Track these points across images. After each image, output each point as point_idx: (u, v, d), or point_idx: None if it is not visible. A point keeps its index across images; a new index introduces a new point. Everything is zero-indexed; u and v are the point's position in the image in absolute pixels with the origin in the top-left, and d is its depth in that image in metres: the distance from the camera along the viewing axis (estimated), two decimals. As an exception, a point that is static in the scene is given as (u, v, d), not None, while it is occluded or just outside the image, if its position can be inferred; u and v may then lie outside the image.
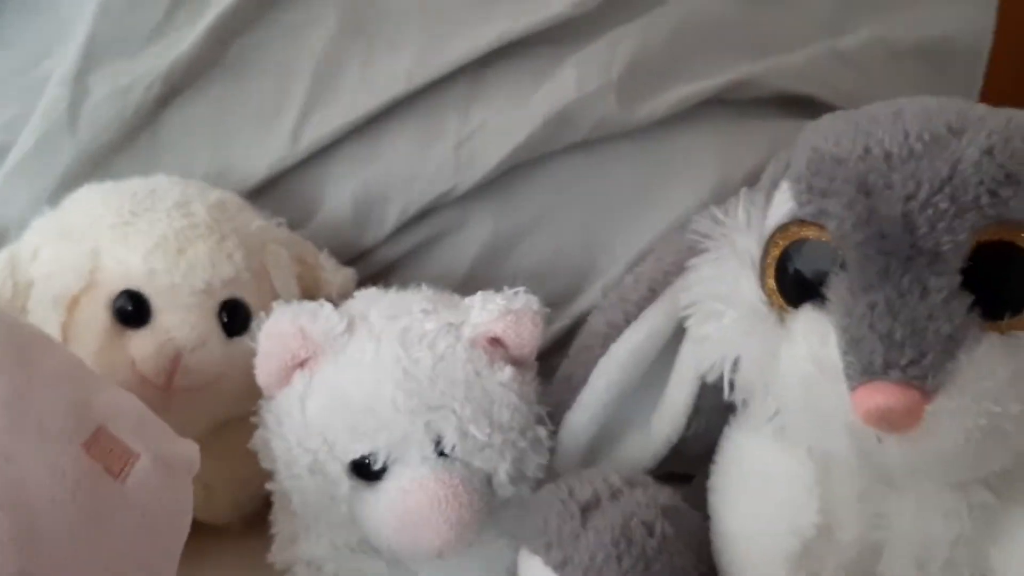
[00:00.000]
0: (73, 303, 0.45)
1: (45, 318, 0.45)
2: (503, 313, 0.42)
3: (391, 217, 0.56)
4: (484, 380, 0.42)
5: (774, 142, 0.56)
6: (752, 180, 0.53)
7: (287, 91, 0.55)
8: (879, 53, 0.63)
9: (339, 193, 0.56)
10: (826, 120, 0.38)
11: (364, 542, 0.45)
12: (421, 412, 0.40)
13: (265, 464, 0.45)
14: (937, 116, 0.34)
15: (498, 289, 0.44)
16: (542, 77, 0.56)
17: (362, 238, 0.56)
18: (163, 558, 0.36)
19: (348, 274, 0.53)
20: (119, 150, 0.54)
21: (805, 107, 0.59)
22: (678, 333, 0.43)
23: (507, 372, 0.42)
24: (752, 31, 0.60)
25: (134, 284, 0.45)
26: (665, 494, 0.41)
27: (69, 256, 0.45)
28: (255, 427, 0.46)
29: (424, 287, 0.46)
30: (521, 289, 0.44)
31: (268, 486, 0.46)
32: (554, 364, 0.48)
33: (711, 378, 0.39)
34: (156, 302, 0.45)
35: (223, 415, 0.47)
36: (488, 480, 0.42)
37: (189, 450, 0.38)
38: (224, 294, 0.47)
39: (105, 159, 0.53)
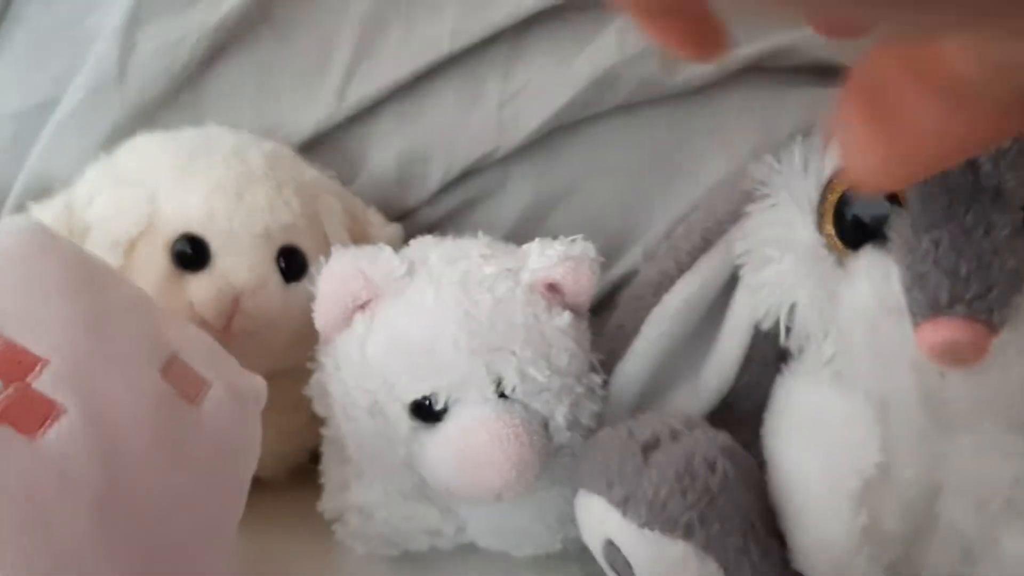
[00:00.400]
0: (131, 247, 0.45)
1: (102, 262, 0.45)
2: (561, 259, 0.43)
3: (434, 177, 0.56)
4: (543, 324, 0.42)
5: (811, 109, 0.56)
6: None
7: (332, 51, 0.56)
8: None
9: (383, 153, 0.56)
10: None
11: (417, 488, 0.45)
12: (482, 353, 0.41)
13: (320, 410, 0.45)
14: None
15: (555, 236, 0.45)
16: (584, 40, 0.57)
17: (405, 197, 0.56)
18: (234, 484, 0.37)
19: (395, 229, 0.54)
20: (166, 105, 0.54)
21: (842, 76, 0.60)
22: (731, 283, 0.43)
23: (565, 317, 0.43)
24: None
25: (193, 228, 0.45)
26: (723, 436, 0.41)
27: (126, 201, 0.46)
28: (302, 381, 0.46)
29: (481, 235, 0.47)
30: (579, 236, 0.44)
31: (322, 431, 0.46)
32: (593, 325, 0.48)
33: (767, 324, 0.40)
34: (215, 246, 0.45)
35: (275, 364, 0.47)
36: (545, 425, 0.43)
37: (257, 383, 0.38)
38: (282, 240, 0.47)
39: (153, 114, 0.53)
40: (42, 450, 0.29)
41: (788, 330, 0.39)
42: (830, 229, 0.36)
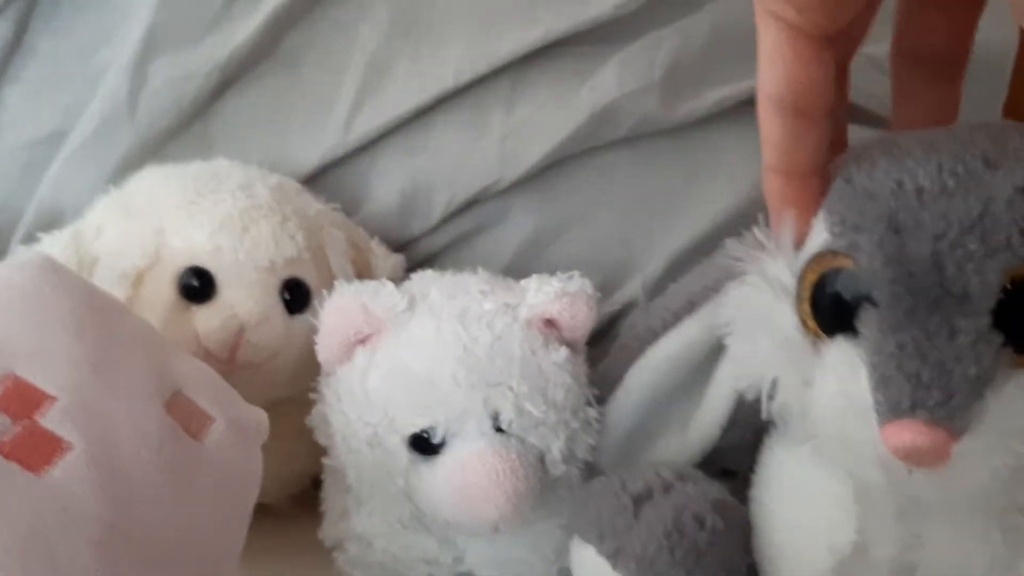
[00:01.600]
0: (138, 279, 0.46)
1: (110, 294, 0.46)
2: (558, 295, 0.44)
3: (437, 208, 0.57)
4: (540, 359, 0.43)
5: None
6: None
7: (339, 84, 0.57)
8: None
9: (387, 184, 0.57)
10: (860, 147, 0.37)
11: (415, 519, 0.46)
12: (480, 387, 0.41)
13: (322, 440, 0.46)
14: (972, 147, 0.33)
15: (552, 273, 0.46)
16: (585, 75, 0.58)
17: (408, 228, 0.57)
18: (236, 518, 0.38)
19: (398, 260, 0.54)
20: (175, 138, 0.55)
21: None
22: (716, 347, 0.43)
23: (561, 353, 0.44)
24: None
25: (200, 261, 0.46)
26: (715, 488, 0.42)
27: (134, 233, 0.47)
28: (305, 408, 0.47)
29: (480, 270, 0.47)
30: (576, 273, 0.45)
31: (324, 461, 0.47)
32: (590, 355, 0.49)
33: (749, 397, 0.39)
34: (221, 278, 0.46)
35: (277, 393, 0.48)
36: (541, 458, 0.43)
37: (259, 416, 0.39)
38: (286, 273, 0.48)
39: (162, 146, 0.55)
40: (47, 487, 0.30)
41: (771, 401, 0.38)
42: (807, 310, 0.35)
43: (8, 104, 0.57)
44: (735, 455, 0.44)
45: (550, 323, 0.44)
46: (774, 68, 0.33)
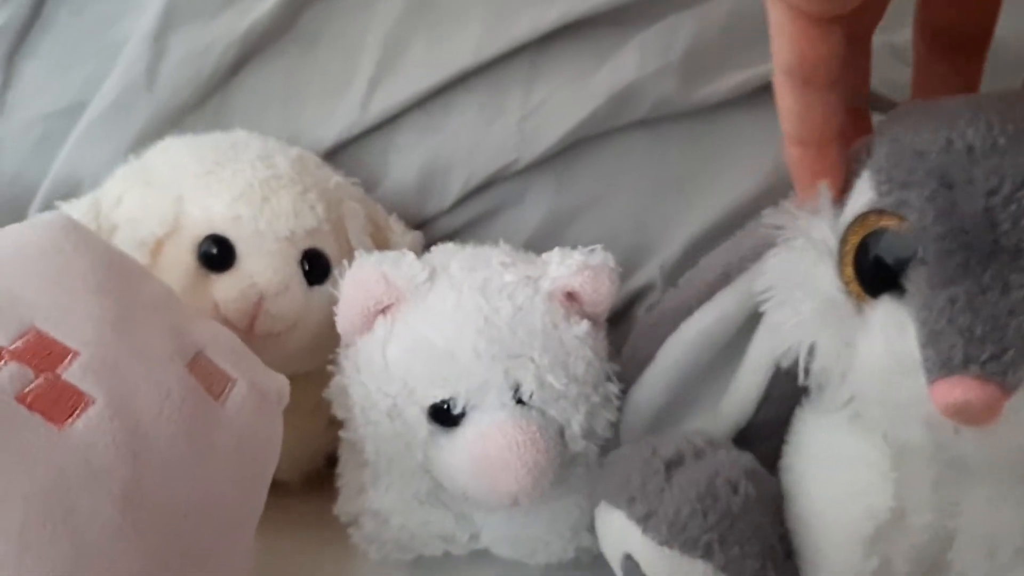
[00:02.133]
0: (157, 247, 0.46)
1: (129, 262, 0.45)
2: (580, 268, 0.43)
3: (454, 187, 0.57)
4: (561, 332, 0.42)
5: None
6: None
7: (357, 61, 0.56)
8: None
9: (405, 162, 0.57)
10: (905, 110, 0.37)
11: (432, 494, 0.45)
12: (501, 359, 0.41)
13: (340, 412, 0.45)
14: (1021, 109, 0.33)
15: (573, 247, 0.45)
16: (604, 56, 0.57)
17: (425, 207, 0.57)
18: (255, 482, 0.37)
19: (416, 237, 0.54)
20: (193, 111, 0.55)
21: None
22: (750, 320, 0.43)
23: (583, 326, 0.43)
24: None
25: (219, 229, 0.46)
26: (746, 457, 0.41)
27: (154, 202, 0.46)
28: (320, 384, 0.46)
29: (501, 243, 0.47)
30: (598, 246, 0.45)
31: (341, 434, 0.46)
32: (609, 336, 0.49)
33: (786, 364, 0.39)
34: (241, 247, 0.46)
35: (295, 366, 0.48)
36: (561, 432, 0.43)
37: (280, 381, 0.39)
38: (306, 244, 0.47)
39: (180, 119, 0.54)
40: (70, 440, 0.30)
41: (807, 370, 0.38)
42: (850, 273, 0.35)
43: (26, 77, 0.56)
44: (763, 435, 0.43)
45: (571, 296, 0.44)
46: (782, 42, 0.33)
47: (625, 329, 0.54)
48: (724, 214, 0.57)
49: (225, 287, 0.46)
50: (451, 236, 0.58)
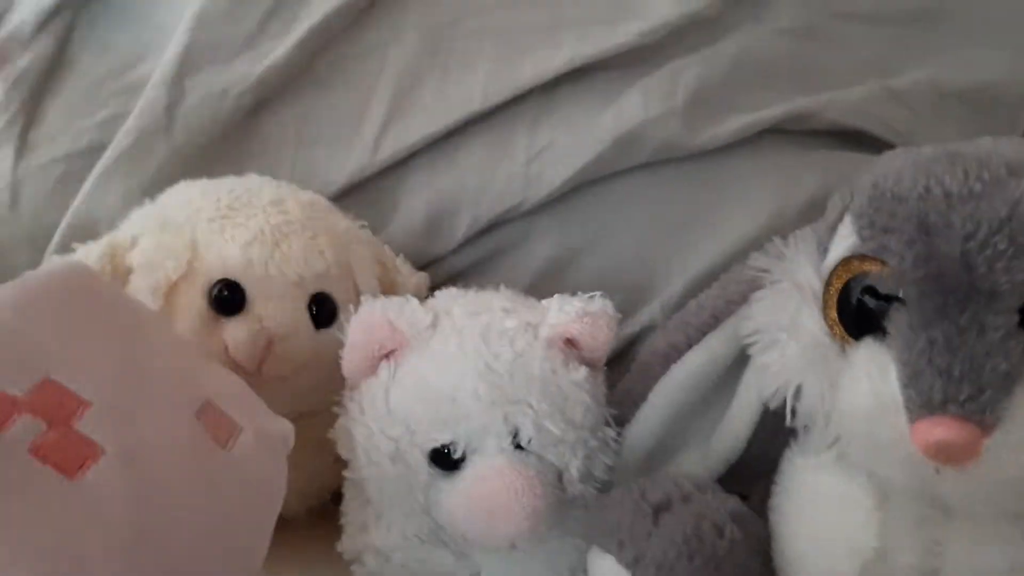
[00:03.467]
0: (171, 290, 0.47)
1: (143, 304, 0.46)
2: (579, 315, 0.44)
3: (461, 228, 0.58)
4: (559, 378, 0.43)
5: (830, 173, 0.58)
6: (808, 208, 0.56)
7: (368, 105, 0.58)
8: (928, 94, 0.65)
9: (413, 203, 0.58)
10: (887, 157, 0.39)
11: (433, 533, 0.46)
12: (500, 404, 0.42)
13: (344, 453, 0.46)
14: (996, 157, 0.34)
15: (573, 293, 0.46)
16: (609, 101, 0.59)
17: (432, 247, 0.58)
18: (260, 526, 0.38)
19: (422, 278, 0.55)
20: (210, 153, 0.57)
21: (860, 141, 0.61)
22: (739, 361, 0.44)
23: (581, 372, 0.44)
24: (807, 68, 0.63)
25: (231, 274, 0.47)
26: (732, 500, 0.42)
27: (168, 246, 0.48)
28: (327, 422, 0.47)
29: (503, 288, 0.48)
30: (597, 293, 0.46)
31: (345, 474, 0.47)
32: (609, 378, 0.50)
33: (774, 404, 0.40)
34: (251, 291, 0.47)
35: (302, 406, 0.49)
36: (559, 476, 0.44)
37: (285, 428, 0.40)
38: (314, 288, 0.49)
39: (196, 161, 0.56)
40: (81, 490, 0.31)
41: (794, 411, 0.39)
42: (834, 316, 0.37)
43: (48, 118, 0.58)
44: (754, 473, 0.44)
45: (570, 342, 0.45)
46: None
47: (626, 369, 0.54)
48: (726, 256, 0.58)
49: (236, 330, 0.47)
50: (458, 275, 0.59)
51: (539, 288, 0.58)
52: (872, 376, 0.34)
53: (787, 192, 0.59)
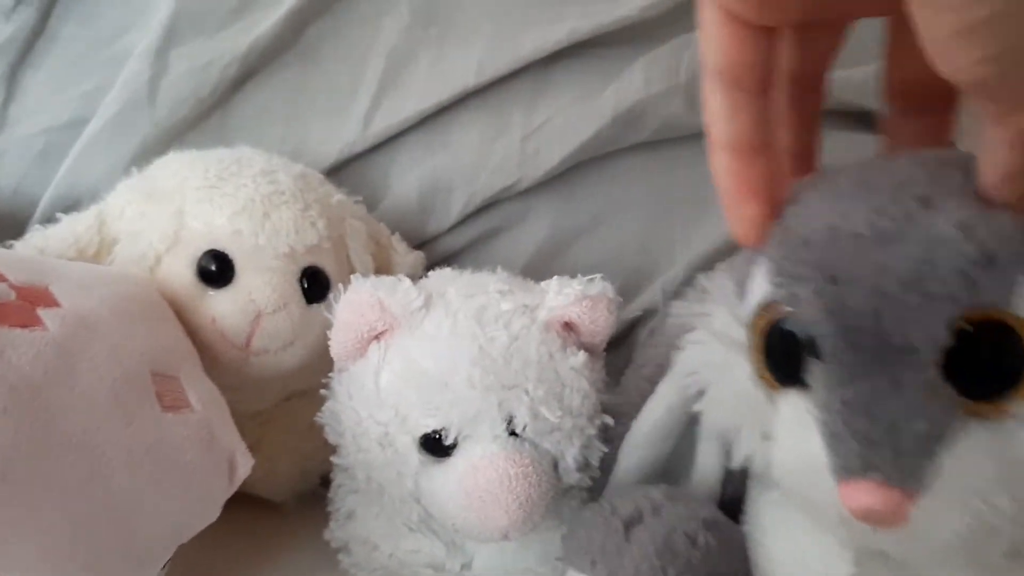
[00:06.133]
0: (157, 261, 0.45)
1: (129, 274, 0.45)
2: (579, 298, 0.43)
3: (455, 207, 0.56)
4: (557, 363, 0.42)
5: (833, 152, 0.56)
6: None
7: (360, 78, 0.56)
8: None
9: (406, 181, 0.56)
10: (804, 185, 0.34)
11: (424, 522, 0.45)
12: (495, 390, 0.40)
13: (332, 438, 0.45)
14: (908, 186, 0.30)
15: (572, 275, 0.45)
16: (610, 77, 0.57)
17: (426, 226, 0.57)
18: (159, 512, 0.35)
19: (418, 257, 0.54)
20: (194, 127, 0.55)
21: (863, 121, 0.60)
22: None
23: (580, 357, 0.43)
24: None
25: (219, 244, 0.45)
26: (706, 508, 0.40)
27: (155, 216, 0.46)
28: (316, 405, 0.46)
29: (499, 270, 0.47)
30: (597, 276, 0.44)
31: (333, 460, 0.46)
32: (609, 362, 0.48)
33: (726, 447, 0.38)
34: (239, 263, 0.46)
35: (291, 384, 0.48)
36: (555, 465, 0.42)
37: (243, 458, 0.38)
38: (305, 261, 0.47)
39: (180, 135, 0.54)
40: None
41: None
42: (760, 360, 0.33)
43: (29, 90, 0.57)
44: (737, 507, 0.42)
45: (569, 326, 0.43)
46: (711, 44, 0.31)
47: (627, 353, 0.53)
48: (727, 237, 0.55)
49: (223, 302, 0.45)
50: (453, 255, 0.58)
51: (536, 270, 0.56)
52: (796, 435, 0.31)
53: (791, 173, 0.57)
